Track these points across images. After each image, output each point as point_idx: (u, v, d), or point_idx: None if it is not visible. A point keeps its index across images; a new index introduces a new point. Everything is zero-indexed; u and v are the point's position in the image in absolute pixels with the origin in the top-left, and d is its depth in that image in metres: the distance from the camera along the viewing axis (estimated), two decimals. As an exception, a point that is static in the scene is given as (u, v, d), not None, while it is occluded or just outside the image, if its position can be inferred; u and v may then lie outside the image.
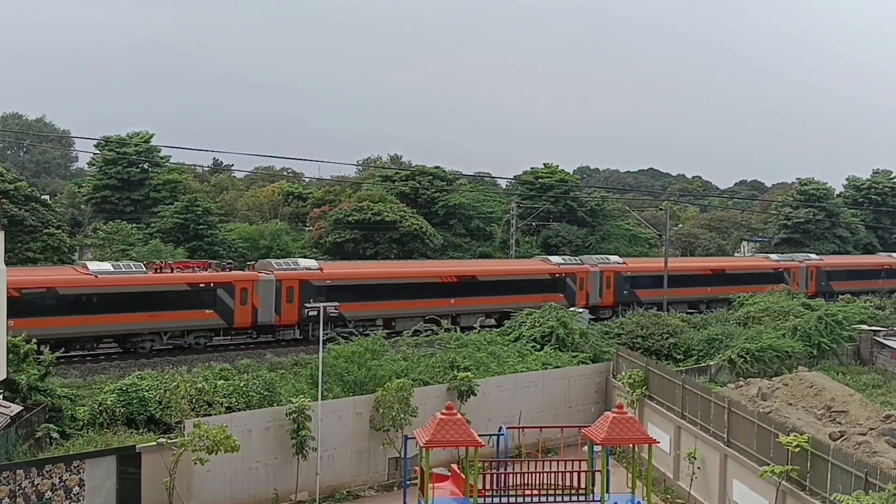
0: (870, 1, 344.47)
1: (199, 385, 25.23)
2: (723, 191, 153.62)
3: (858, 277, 72.65)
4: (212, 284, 42.94)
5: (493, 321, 51.97)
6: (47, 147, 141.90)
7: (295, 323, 45.82)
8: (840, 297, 66.10)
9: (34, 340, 28.28)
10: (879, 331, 42.57)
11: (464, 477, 19.23)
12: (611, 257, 63.14)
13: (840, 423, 27.43)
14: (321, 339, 25.90)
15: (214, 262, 48.67)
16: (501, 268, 57.48)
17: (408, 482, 21.54)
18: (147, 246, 61.39)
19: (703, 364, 36.72)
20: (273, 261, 48.06)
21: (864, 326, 42.92)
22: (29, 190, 65.95)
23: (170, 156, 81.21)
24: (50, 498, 19.62)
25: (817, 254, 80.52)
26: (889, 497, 16.00)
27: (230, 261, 53.45)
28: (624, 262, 61.32)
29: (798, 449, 19.11)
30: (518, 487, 19.52)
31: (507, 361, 32.56)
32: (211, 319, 43.21)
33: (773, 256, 73.33)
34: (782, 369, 35.87)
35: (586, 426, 20.73)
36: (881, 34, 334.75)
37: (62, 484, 19.89)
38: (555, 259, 58.66)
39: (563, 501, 19.28)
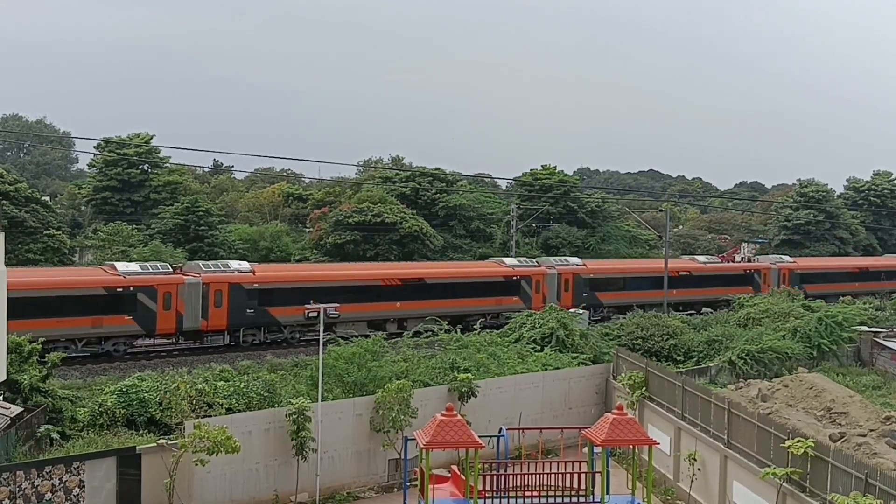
0: (871, 3, 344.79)
1: (200, 386, 25.23)
2: (723, 192, 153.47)
3: (638, 287, 57.97)
4: None
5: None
6: (47, 148, 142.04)
7: None
8: (606, 309, 56.88)
9: (40, 341, 28.15)
10: (880, 332, 42.62)
11: (464, 478, 19.24)
12: (232, 262, 46.02)
13: (840, 424, 27.47)
14: (321, 340, 25.92)
15: None
16: (46, 279, 40.23)
17: (408, 483, 21.54)
18: (147, 247, 61.41)
19: (703, 365, 36.79)
20: None
21: (865, 328, 42.98)
22: (29, 191, 65.97)
23: (170, 157, 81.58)
24: (50, 499, 19.62)
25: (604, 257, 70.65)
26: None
27: None
28: (252, 271, 44.91)
29: (803, 453, 19.06)
30: (518, 489, 19.54)
31: (507, 363, 32.56)
32: None
33: (509, 261, 56.00)
34: (782, 371, 35.95)
35: (586, 427, 20.76)
36: (882, 36, 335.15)
37: (62, 485, 19.88)
38: (123, 267, 41.90)
39: (563, 503, 19.31)
